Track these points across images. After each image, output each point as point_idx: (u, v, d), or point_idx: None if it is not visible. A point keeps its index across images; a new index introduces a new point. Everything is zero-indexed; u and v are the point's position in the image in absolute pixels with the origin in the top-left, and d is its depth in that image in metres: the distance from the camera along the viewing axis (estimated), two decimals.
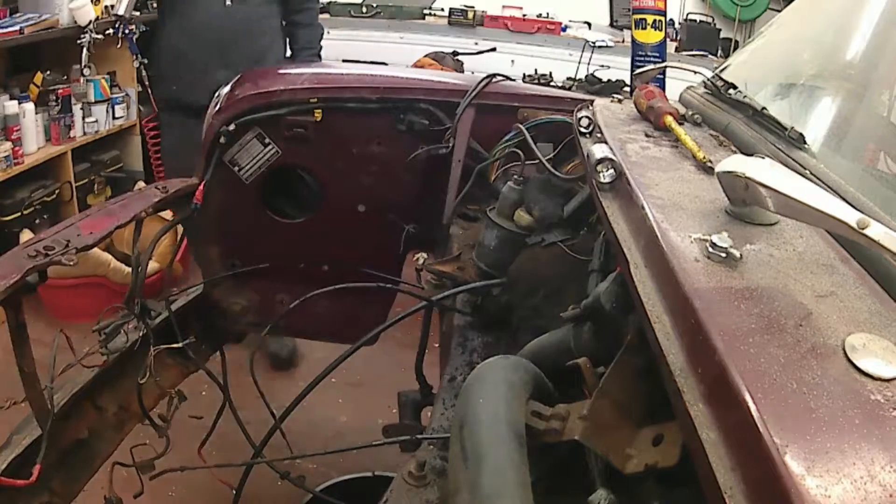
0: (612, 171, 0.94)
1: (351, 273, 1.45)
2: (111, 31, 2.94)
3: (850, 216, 0.58)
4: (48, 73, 3.03)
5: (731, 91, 1.23)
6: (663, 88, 1.59)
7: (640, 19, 2.68)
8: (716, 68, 1.46)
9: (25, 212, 2.92)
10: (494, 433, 0.69)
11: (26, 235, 2.78)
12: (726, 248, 0.69)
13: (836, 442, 0.48)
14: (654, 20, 2.63)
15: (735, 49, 4.89)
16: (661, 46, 2.66)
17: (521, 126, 1.52)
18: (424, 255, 1.45)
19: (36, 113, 2.92)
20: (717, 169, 0.77)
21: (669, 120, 1.11)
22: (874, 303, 0.64)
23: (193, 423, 1.64)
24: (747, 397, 0.51)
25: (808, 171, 0.89)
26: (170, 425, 1.59)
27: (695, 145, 1.00)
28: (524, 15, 5.07)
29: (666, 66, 1.68)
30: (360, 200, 1.76)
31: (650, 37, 2.66)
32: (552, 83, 4.29)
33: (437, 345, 1.56)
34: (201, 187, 1.61)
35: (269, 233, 1.78)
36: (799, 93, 1.25)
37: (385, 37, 4.81)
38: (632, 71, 2.74)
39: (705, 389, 0.57)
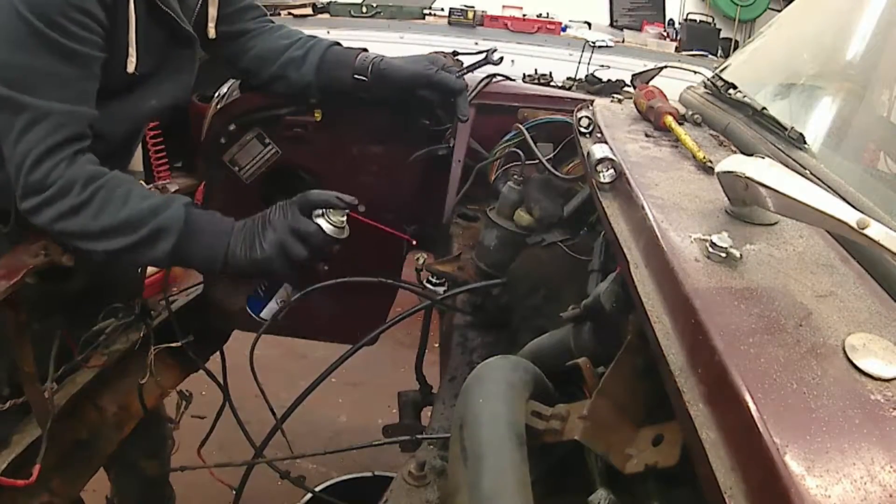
0: (612, 171, 0.94)
1: (351, 273, 1.45)
2: None
3: (850, 216, 0.58)
4: None
5: (731, 91, 1.23)
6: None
7: None
8: (716, 68, 1.46)
9: None
10: (494, 433, 0.69)
11: None
12: (726, 248, 0.69)
13: (836, 442, 0.48)
14: None
15: (735, 49, 4.89)
16: None
17: (521, 126, 1.52)
18: (424, 255, 1.45)
19: None
20: (717, 169, 0.77)
21: (669, 120, 1.11)
22: (874, 303, 0.64)
23: (193, 423, 1.64)
24: (747, 397, 0.51)
25: (808, 171, 0.89)
26: (178, 426, 1.60)
27: (695, 145, 1.00)
28: (524, 15, 5.07)
29: (666, 66, 1.68)
30: (360, 200, 1.76)
31: None
32: (552, 83, 4.29)
33: (437, 345, 1.56)
34: (201, 187, 1.61)
35: None
36: (799, 93, 1.25)
37: (385, 37, 4.81)
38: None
39: (705, 389, 0.57)
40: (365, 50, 1.52)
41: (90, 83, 1.16)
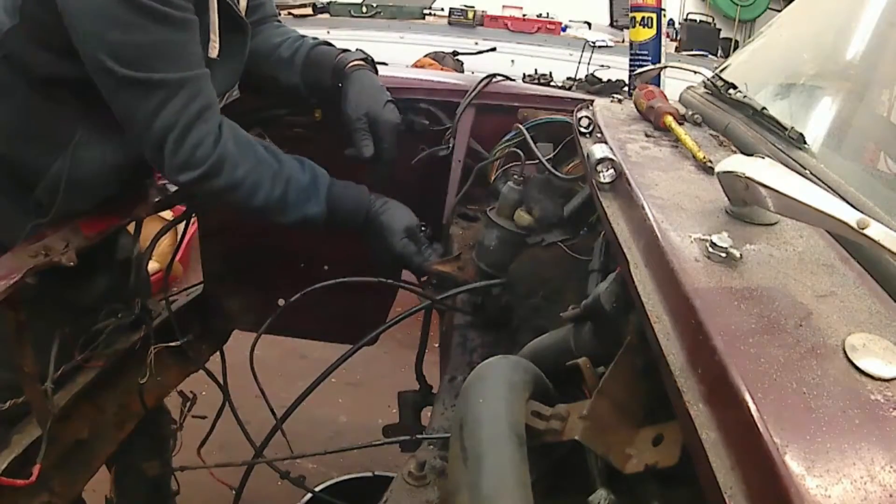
0: (612, 171, 0.94)
1: (351, 273, 1.45)
2: None
3: (850, 216, 0.58)
4: None
5: (731, 91, 1.23)
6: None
7: (633, 17, 2.72)
8: (716, 68, 1.46)
9: None
10: (494, 433, 0.69)
11: None
12: (726, 248, 0.69)
13: (836, 442, 0.48)
14: (643, 17, 2.66)
15: (735, 49, 4.90)
16: (650, 45, 2.68)
17: (521, 126, 1.51)
18: None
19: None
20: (717, 169, 0.77)
21: (669, 120, 1.11)
22: (874, 303, 0.64)
23: (194, 423, 1.64)
24: (747, 397, 0.51)
25: (808, 171, 0.89)
26: (182, 427, 1.60)
27: (695, 145, 1.00)
28: (524, 15, 5.08)
29: (666, 67, 1.68)
30: None
31: (639, 34, 2.69)
32: (552, 83, 4.29)
33: (437, 345, 1.56)
34: None
35: (269, 233, 1.78)
36: (799, 93, 1.25)
37: (385, 37, 4.81)
38: (630, 71, 2.75)
39: (705, 389, 0.57)
40: (347, 50, 1.51)
41: (198, 46, 1.18)
